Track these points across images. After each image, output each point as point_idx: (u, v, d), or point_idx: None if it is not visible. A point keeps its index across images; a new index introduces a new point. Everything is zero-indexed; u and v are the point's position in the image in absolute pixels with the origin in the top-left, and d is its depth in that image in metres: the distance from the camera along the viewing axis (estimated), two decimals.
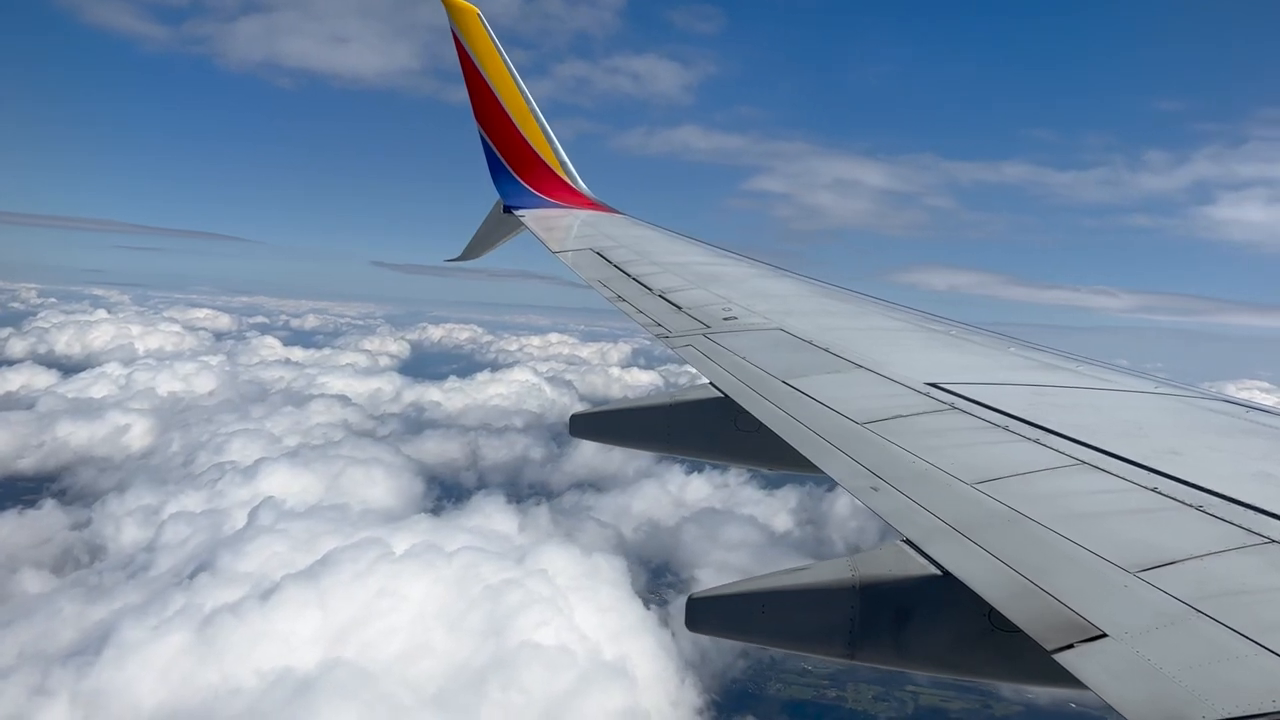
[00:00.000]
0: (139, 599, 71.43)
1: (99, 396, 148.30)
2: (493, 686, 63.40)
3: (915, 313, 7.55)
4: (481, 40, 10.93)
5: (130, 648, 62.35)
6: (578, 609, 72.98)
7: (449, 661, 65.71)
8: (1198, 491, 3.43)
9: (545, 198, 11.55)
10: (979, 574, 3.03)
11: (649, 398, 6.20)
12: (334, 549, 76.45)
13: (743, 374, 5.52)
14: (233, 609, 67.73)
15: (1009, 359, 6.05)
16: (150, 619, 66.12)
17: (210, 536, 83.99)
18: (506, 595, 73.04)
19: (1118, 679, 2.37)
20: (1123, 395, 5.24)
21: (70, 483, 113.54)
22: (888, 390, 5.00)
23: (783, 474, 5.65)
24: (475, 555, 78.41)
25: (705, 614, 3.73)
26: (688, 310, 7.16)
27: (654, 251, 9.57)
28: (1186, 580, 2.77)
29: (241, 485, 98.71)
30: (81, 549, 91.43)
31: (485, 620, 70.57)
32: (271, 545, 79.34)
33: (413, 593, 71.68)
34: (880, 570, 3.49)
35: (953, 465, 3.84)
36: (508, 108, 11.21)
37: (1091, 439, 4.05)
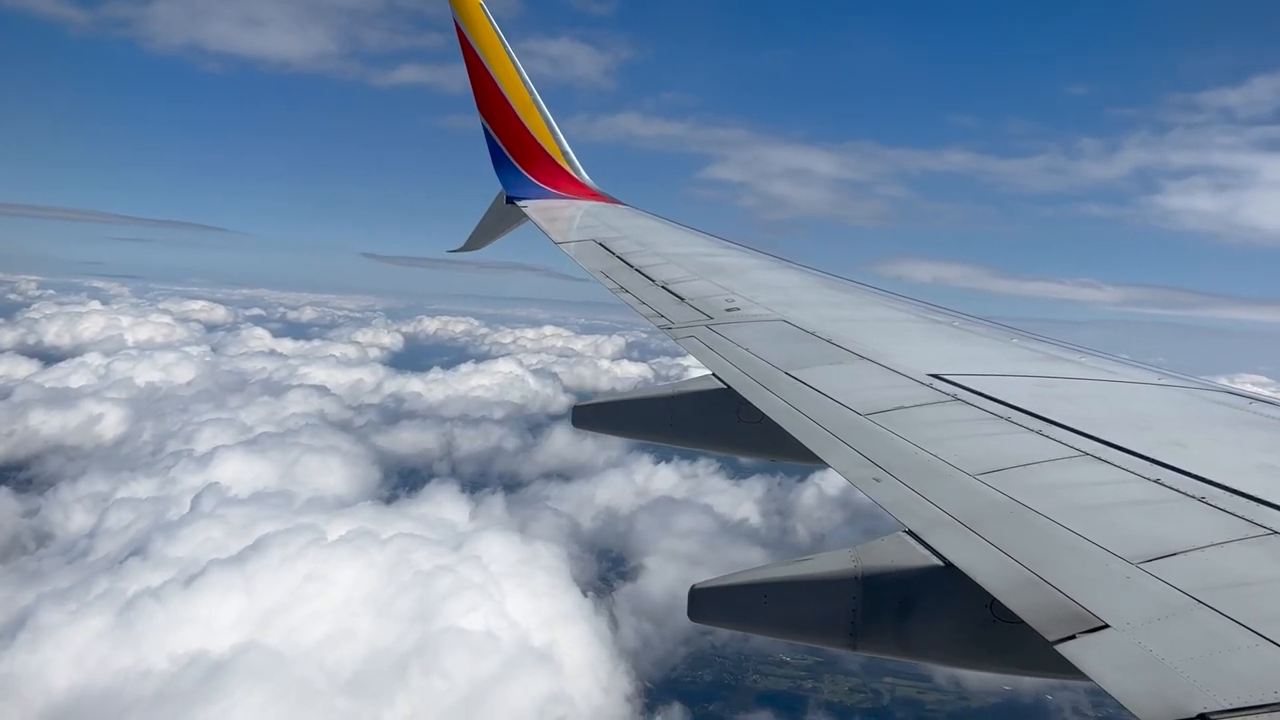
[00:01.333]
0: (67, 583, 70.84)
1: (76, 386, 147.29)
2: (413, 672, 62.91)
3: (917, 304, 7.54)
4: (484, 30, 10.90)
5: (47, 631, 61.92)
6: (510, 596, 72.50)
7: (372, 646, 65.21)
8: (1201, 483, 3.43)
9: (548, 188, 11.52)
10: (981, 565, 3.03)
11: (651, 388, 6.21)
12: (265, 535, 75.72)
13: (745, 365, 5.52)
14: (155, 593, 67.05)
15: (1012, 350, 6.05)
16: (71, 603, 65.61)
17: (152, 522, 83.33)
18: (436, 581, 72.29)
19: (1120, 670, 2.38)
20: (1126, 387, 5.23)
21: (37, 471, 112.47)
22: (890, 381, 5.00)
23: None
24: (410, 542, 77.63)
25: (707, 604, 3.73)
26: (690, 301, 7.15)
27: (656, 243, 9.56)
28: (1189, 572, 2.77)
29: (194, 472, 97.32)
30: (29, 535, 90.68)
31: (413, 606, 69.78)
32: (207, 531, 78.62)
33: (341, 578, 70.97)
34: (882, 561, 3.50)
35: (955, 456, 3.84)
36: (510, 98, 11.18)
37: (1094, 430, 4.05)
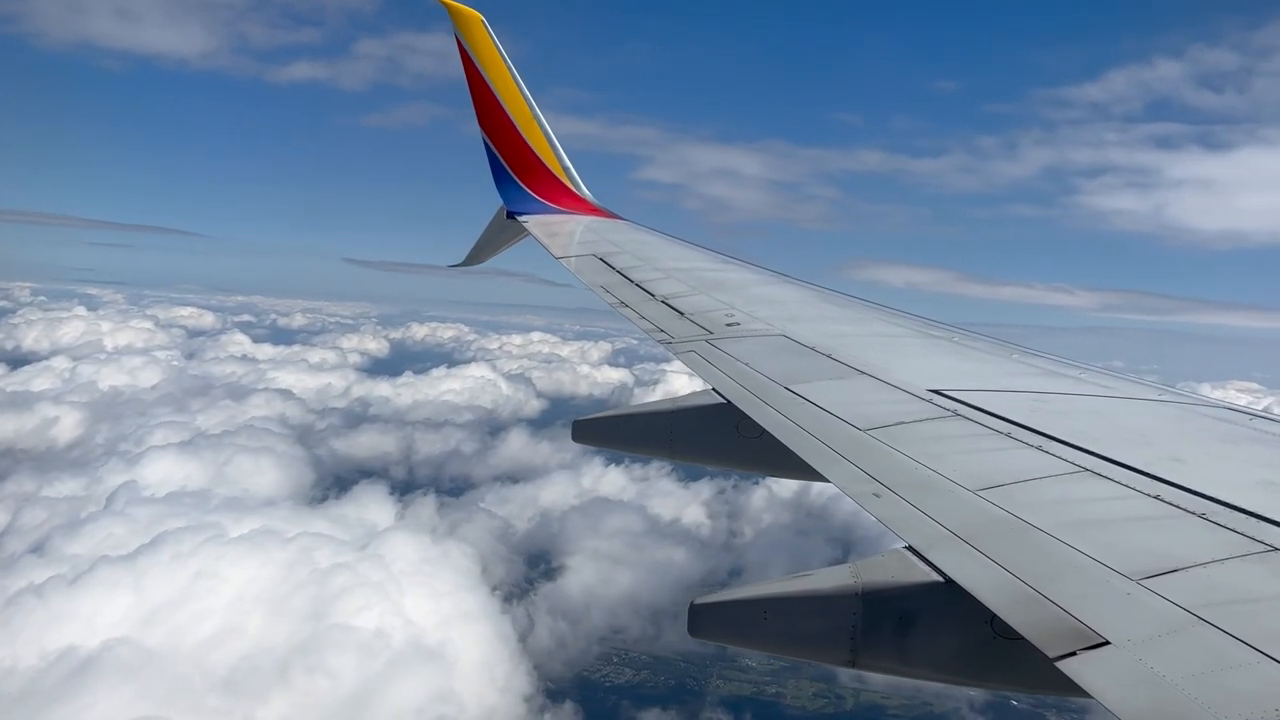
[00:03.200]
0: None
1: (38, 390, 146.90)
2: (295, 670, 62.63)
3: (916, 319, 7.56)
4: (485, 46, 10.96)
5: None
6: (408, 595, 72.17)
7: (256, 644, 64.72)
8: (1201, 499, 3.43)
9: (548, 203, 11.56)
10: (981, 581, 3.03)
11: (652, 404, 6.21)
12: (164, 532, 75.25)
13: (745, 380, 5.52)
14: (37, 590, 66.75)
15: (1011, 365, 6.05)
16: None
17: (66, 521, 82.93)
18: (333, 580, 72.04)
19: (1120, 687, 2.37)
20: (1125, 402, 5.23)
21: None
22: (890, 397, 5.00)
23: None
24: (314, 541, 77.30)
25: (708, 620, 3.73)
26: (690, 316, 7.16)
27: (656, 257, 9.58)
28: (1190, 588, 2.77)
29: (122, 472, 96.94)
30: None
31: (306, 605, 69.59)
32: (111, 528, 78.21)
33: (235, 576, 70.52)
34: (883, 577, 3.49)
35: (955, 472, 3.84)
36: (511, 113, 11.23)
37: (1094, 446, 4.05)
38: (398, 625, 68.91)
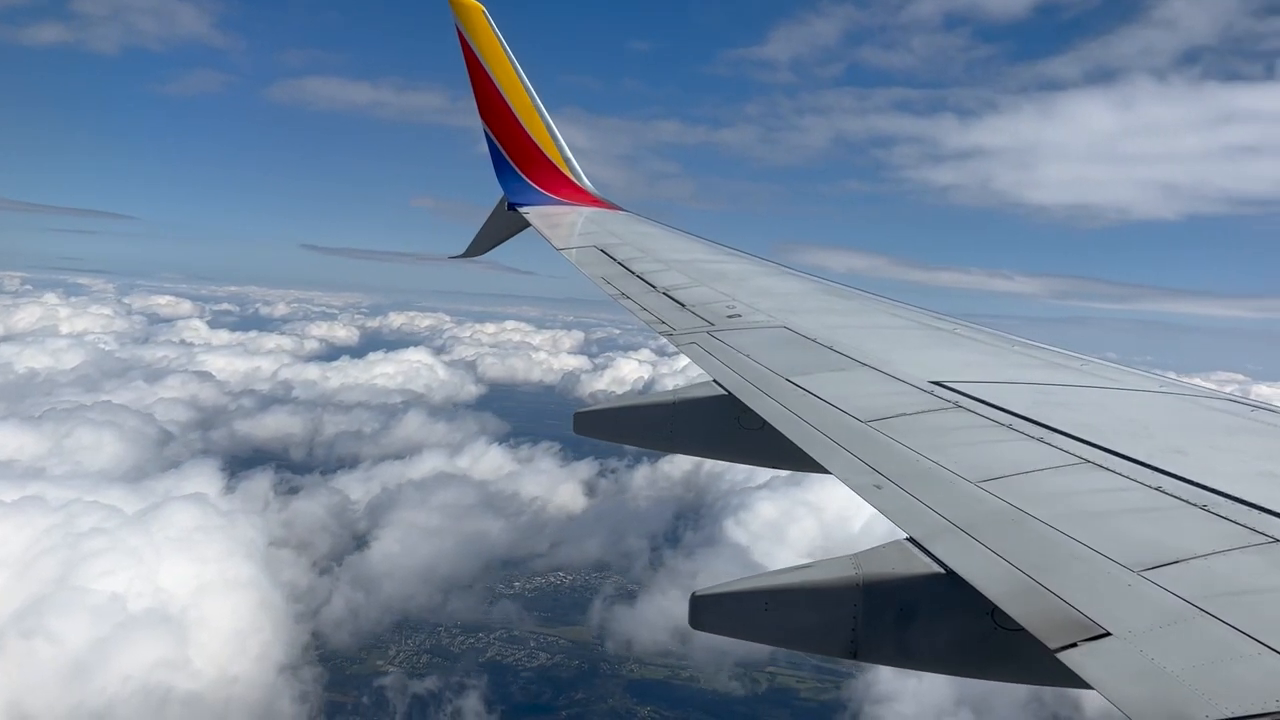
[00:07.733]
0: None
1: None
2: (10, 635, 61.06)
3: (918, 310, 7.55)
4: (487, 37, 10.93)
5: None
6: (166, 561, 70.49)
7: None
8: (1202, 490, 3.43)
9: (549, 194, 11.55)
10: (982, 572, 3.03)
11: (653, 395, 6.21)
12: None
13: (747, 371, 5.52)
14: None
15: (1013, 357, 6.05)
16: None
17: None
18: (86, 544, 70.36)
19: (1121, 678, 2.37)
20: (1126, 394, 5.23)
21: None
22: (892, 388, 4.99)
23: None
24: (85, 508, 75.40)
25: (708, 612, 3.72)
26: (691, 307, 7.16)
27: (657, 249, 9.58)
28: (1191, 579, 2.77)
29: None
30: None
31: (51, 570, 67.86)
32: None
33: None
34: (883, 569, 3.49)
35: (956, 464, 3.84)
36: (513, 104, 11.21)
37: (1095, 438, 4.04)
38: (146, 592, 67.37)
